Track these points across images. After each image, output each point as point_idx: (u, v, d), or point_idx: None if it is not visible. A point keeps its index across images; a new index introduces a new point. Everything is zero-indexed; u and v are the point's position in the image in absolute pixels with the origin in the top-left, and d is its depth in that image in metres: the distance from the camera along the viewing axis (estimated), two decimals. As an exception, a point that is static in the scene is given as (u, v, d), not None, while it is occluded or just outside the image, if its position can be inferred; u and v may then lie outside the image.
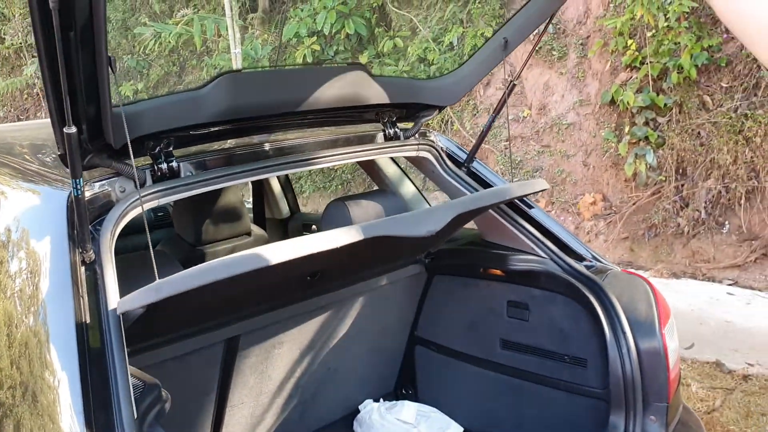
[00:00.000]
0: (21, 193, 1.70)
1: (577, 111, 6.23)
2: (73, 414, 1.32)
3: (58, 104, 1.30)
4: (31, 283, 1.50)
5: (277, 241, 1.58)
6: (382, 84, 2.05)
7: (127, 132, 1.47)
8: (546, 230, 2.34)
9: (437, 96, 2.28)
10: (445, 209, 1.86)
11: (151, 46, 8.64)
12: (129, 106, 1.58)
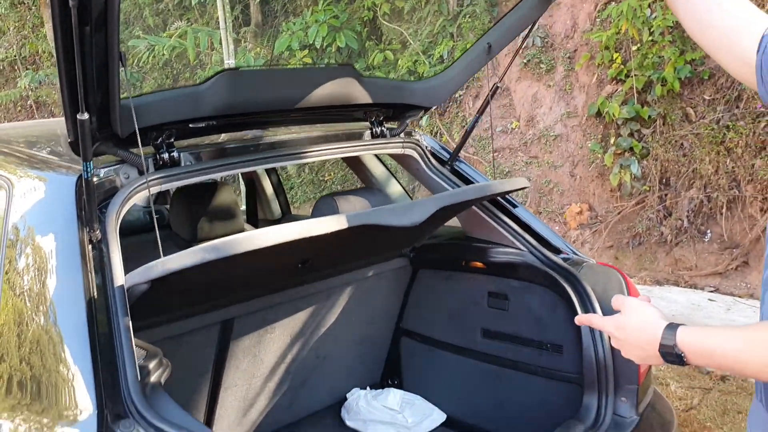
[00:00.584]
0: (30, 180, 1.81)
1: (565, 123, 6.37)
2: (83, 375, 1.42)
3: (72, 93, 1.41)
4: (43, 260, 1.61)
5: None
6: (370, 85, 2.18)
7: (136, 122, 1.58)
8: (526, 225, 2.46)
9: (423, 97, 2.40)
10: (429, 202, 1.98)
11: (145, 59, 8.76)
12: (135, 98, 1.70)
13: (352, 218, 1.75)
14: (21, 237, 1.68)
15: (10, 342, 1.58)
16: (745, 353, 1.14)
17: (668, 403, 2.34)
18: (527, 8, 2.19)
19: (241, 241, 1.52)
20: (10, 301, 1.62)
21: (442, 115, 7.34)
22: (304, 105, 2.04)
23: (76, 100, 1.40)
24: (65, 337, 1.50)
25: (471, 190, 2.20)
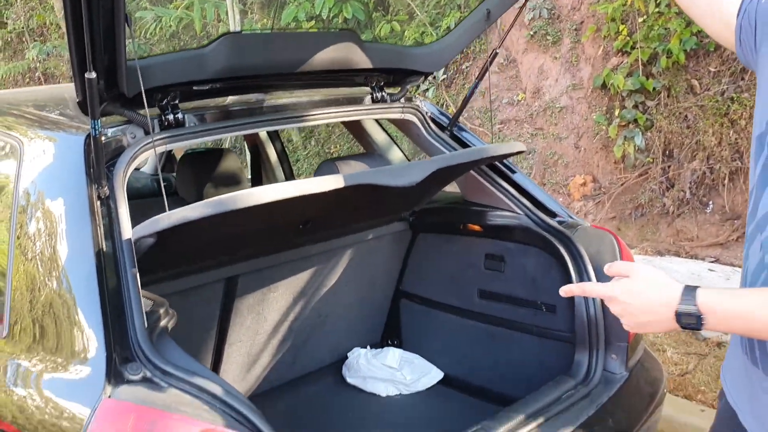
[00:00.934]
0: (40, 140, 1.88)
1: (570, 95, 6.39)
2: (93, 323, 1.50)
3: (80, 53, 1.47)
4: (54, 214, 1.68)
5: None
6: (370, 50, 2.23)
7: (142, 83, 1.65)
8: (523, 190, 2.52)
9: (423, 62, 2.45)
10: (426, 164, 2.04)
11: (153, 30, 8.78)
12: (141, 60, 1.76)
13: (350, 178, 1.81)
14: (34, 189, 1.75)
15: (25, 289, 1.66)
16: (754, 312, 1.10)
17: (658, 362, 2.41)
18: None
19: (242, 197, 1.59)
20: (23, 258, 1.70)
21: (449, 87, 7.36)
22: (305, 69, 2.09)
23: (83, 60, 1.47)
24: (75, 286, 1.58)
25: (468, 153, 2.26)
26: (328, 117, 2.30)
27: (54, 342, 1.55)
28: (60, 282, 1.59)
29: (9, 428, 1.56)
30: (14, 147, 1.91)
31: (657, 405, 2.24)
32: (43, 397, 1.52)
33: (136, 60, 1.67)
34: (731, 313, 1.13)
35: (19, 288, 1.67)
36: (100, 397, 1.37)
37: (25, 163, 1.81)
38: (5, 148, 1.97)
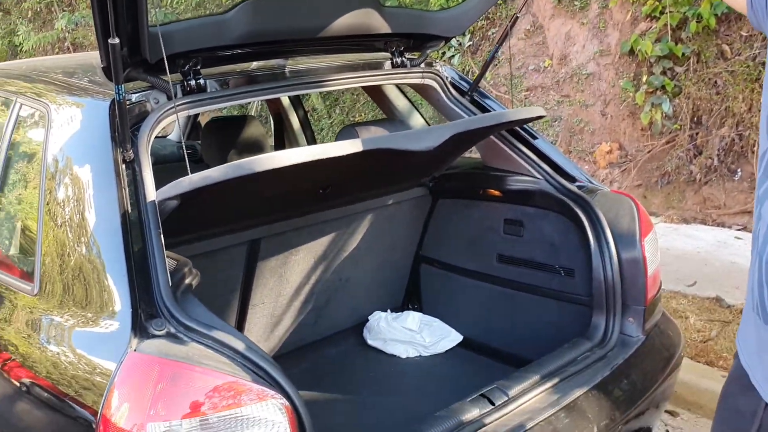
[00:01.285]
0: (68, 106, 1.93)
1: (597, 61, 6.31)
2: (119, 281, 1.56)
3: (104, 19, 1.51)
4: (81, 179, 1.74)
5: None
6: (390, 14, 2.24)
7: (164, 49, 1.68)
8: (543, 155, 2.53)
9: (443, 27, 2.45)
10: (445, 128, 2.05)
11: (179, 0, 8.81)
12: (163, 26, 1.79)
13: (368, 142, 1.84)
14: (61, 155, 1.81)
15: (54, 251, 1.73)
16: None
17: (676, 326, 2.43)
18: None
19: (261, 160, 1.63)
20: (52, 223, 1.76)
21: (475, 53, 7.31)
22: (325, 34, 2.11)
23: (107, 26, 1.51)
24: (102, 246, 1.64)
25: (486, 118, 2.27)
26: (348, 82, 2.32)
27: (82, 300, 1.62)
28: (88, 245, 1.65)
29: (44, 383, 1.63)
30: (42, 113, 1.97)
31: (673, 368, 2.27)
32: (73, 352, 1.60)
33: (158, 26, 1.71)
34: None
35: (49, 253, 1.73)
36: (125, 351, 1.44)
37: (53, 129, 1.87)
38: (34, 115, 2.03)
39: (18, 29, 11.11)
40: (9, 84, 2.28)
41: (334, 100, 8.26)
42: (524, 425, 1.80)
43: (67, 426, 1.57)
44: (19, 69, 2.46)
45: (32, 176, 1.94)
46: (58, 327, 1.66)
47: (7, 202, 2.04)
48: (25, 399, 1.69)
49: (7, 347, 1.76)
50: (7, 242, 2.01)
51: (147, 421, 1.36)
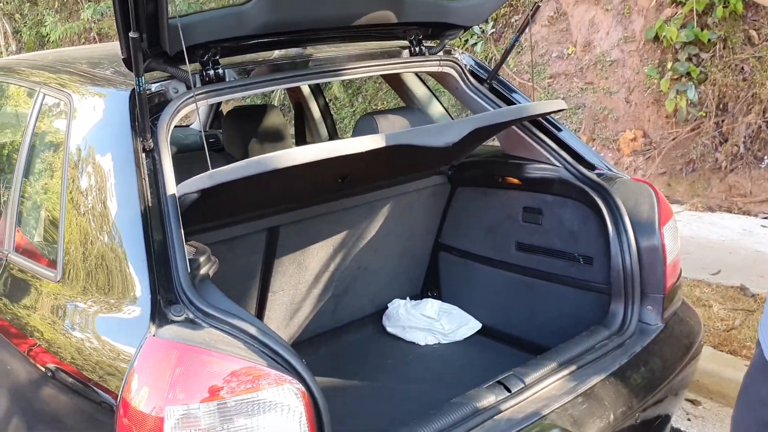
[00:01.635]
0: (90, 96, 1.96)
1: (622, 48, 6.24)
2: (139, 268, 1.59)
3: (125, 13, 1.54)
4: (103, 168, 1.77)
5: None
6: (410, 3, 2.23)
7: (183, 41, 1.70)
8: (563, 143, 2.52)
9: (463, 16, 2.44)
10: (465, 123, 2.05)
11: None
12: (182, 18, 1.81)
13: (387, 138, 1.85)
14: (84, 144, 1.84)
15: (77, 239, 1.76)
16: None
17: (696, 314, 2.41)
18: None
19: (281, 157, 1.64)
20: (76, 218, 1.80)
21: (497, 40, 7.26)
22: (344, 23, 2.12)
23: (128, 20, 1.53)
24: (123, 234, 1.67)
25: (506, 112, 2.26)
26: (366, 70, 2.32)
27: (104, 286, 1.65)
28: (110, 233, 1.68)
29: (67, 367, 1.67)
30: (65, 103, 2.00)
31: (693, 356, 2.25)
32: (94, 337, 1.63)
33: (177, 18, 1.73)
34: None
35: (72, 241, 1.77)
36: (145, 336, 1.47)
37: (75, 119, 1.90)
38: (58, 105, 2.07)
39: (45, 20, 11.24)
40: (34, 75, 2.32)
41: (356, 89, 8.26)
42: (540, 412, 1.81)
43: (90, 410, 1.60)
44: (44, 59, 2.50)
45: (55, 165, 1.98)
46: (80, 313, 1.70)
47: (32, 191, 2.08)
48: (49, 383, 1.73)
49: (32, 333, 1.81)
50: (32, 230, 2.06)
51: (165, 404, 1.39)
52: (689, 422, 3.04)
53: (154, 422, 1.39)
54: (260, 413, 1.42)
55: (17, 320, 1.87)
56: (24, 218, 2.08)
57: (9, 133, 2.47)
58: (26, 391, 1.82)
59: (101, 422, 1.52)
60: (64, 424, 1.70)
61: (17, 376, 1.85)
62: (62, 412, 1.72)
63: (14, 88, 2.46)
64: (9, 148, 2.40)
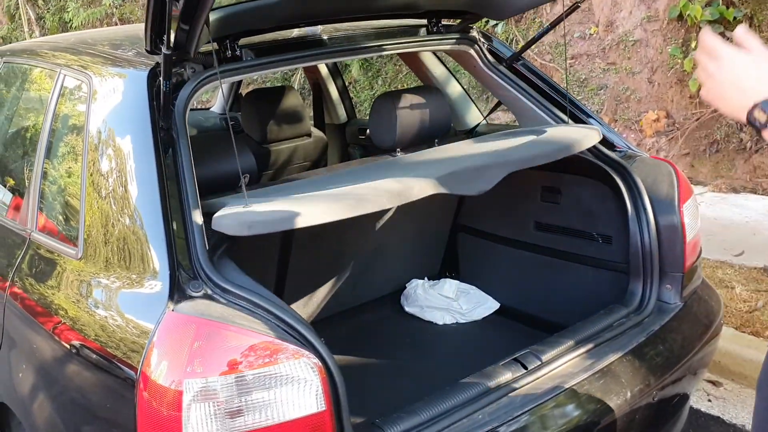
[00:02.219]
0: (110, 77, 1.98)
1: (645, 27, 6.15)
2: (159, 245, 1.61)
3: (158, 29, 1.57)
4: (122, 147, 1.79)
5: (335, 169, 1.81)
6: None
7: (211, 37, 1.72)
8: (582, 122, 2.50)
9: (495, 9, 2.40)
10: (499, 167, 2.03)
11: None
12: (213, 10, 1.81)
13: (417, 187, 1.86)
14: (104, 126, 1.87)
15: (97, 217, 1.79)
16: None
17: (716, 294, 2.39)
18: None
19: (308, 216, 1.68)
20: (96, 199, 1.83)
21: (519, 21, 7.19)
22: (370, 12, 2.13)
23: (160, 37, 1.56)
24: (143, 212, 1.69)
25: (540, 155, 2.18)
26: (383, 49, 2.32)
27: (124, 263, 1.68)
28: (129, 211, 1.71)
29: (85, 342, 1.70)
30: (85, 85, 2.02)
31: (712, 336, 2.24)
32: (115, 312, 1.66)
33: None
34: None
35: (93, 221, 1.79)
36: (164, 311, 1.49)
37: (95, 101, 1.93)
38: (78, 87, 2.09)
39: (68, 6, 11.32)
40: (55, 57, 2.34)
41: (376, 71, 8.24)
42: (557, 389, 1.81)
43: (112, 384, 1.63)
44: (66, 41, 2.52)
45: (76, 146, 2.00)
46: (101, 288, 1.73)
47: (54, 171, 2.11)
48: (71, 359, 1.76)
49: (56, 309, 1.84)
50: (54, 212, 2.09)
51: (184, 377, 1.41)
52: (710, 403, 3.03)
53: (173, 395, 1.42)
54: (277, 386, 1.44)
55: (40, 296, 1.91)
56: (46, 198, 2.11)
57: (31, 114, 2.51)
58: (50, 367, 1.86)
59: (123, 397, 1.55)
60: (88, 400, 1.74)
61: (41, 352, 1.89)
62: (86, 388, 1.75)
63: (36, 70, 2.49)
64: (32, 129, 2.43)
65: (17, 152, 2.54)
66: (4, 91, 2.74)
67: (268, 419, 1.44)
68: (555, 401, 1.79)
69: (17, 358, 1.99)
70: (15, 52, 2.74)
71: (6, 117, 2.68)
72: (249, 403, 1.43)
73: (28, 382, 1.91)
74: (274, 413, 1.44)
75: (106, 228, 1.76)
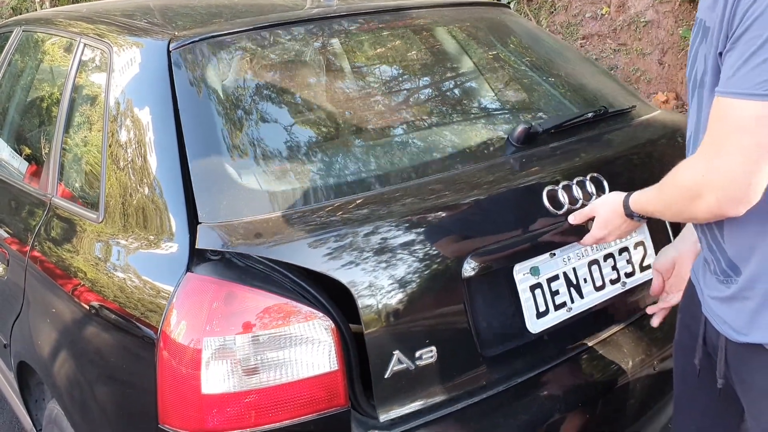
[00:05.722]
0: (129, 47, 2.02)
1: (656, 8, 6.14)
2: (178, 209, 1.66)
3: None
4: (140, 117, 1.84)
5: None
6: None
7: None
8: None
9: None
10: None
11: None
12: None
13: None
14: (120, 96, 1.91)
15: (116, 179, 1.84)
16: (659, 197, 1.42)
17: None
18: None
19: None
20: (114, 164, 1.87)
21: (530, 0, 7.18)
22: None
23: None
24: (162, 178, 1.73)
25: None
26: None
27: (143, 226, 1.73)
28: (149, 176, 1.75)
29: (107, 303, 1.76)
30: (105, 54, 2.06)
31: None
32: (135, 275, 1.71)
33: None
34: (641, 206, 1.51)
35: (113, 184, 1.84)
36: (184, 272, 1.54)
37: (114, 71, 1.97)
38: (99, 56, 2.13)
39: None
40: (72, 25, 2.38)
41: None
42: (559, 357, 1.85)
43: (131, 343, 1.69)
44: (79, 12, 2.55)
45: (95, 115, 2.04)
46: (121, 251, 1.78)
47: (73, 138, 2.16)
48: (93, 321, 1.81)
49: (76, 272, 1.89)
50: (74, 176, 2.13)
51: (203, 336, 1.47)
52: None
53: (192, 354, 1.47)
54: (291, 346, 1.49)
55: (61, 259, 1.96)
56: (67, 162, 2.15)
57: (50, 83, 2.55)
58: (70, 327, 1.91)
59: (142, 356, 1.60)
60: (107, 359, 1.79)
61: (62, 313, 1.94)
62: (106, 348, 1.80)
63: (55, 39, 2.53)
64: (50, 98, 2.47)
65: (36, 120, 2.59)
66: (23, 59, 2.78)
67: (283, 377, 1.50)
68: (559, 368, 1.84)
69: (39, 320, 2.05)
70: (33, 21, 2.77)
71: (24, 85, 2.72)
72: (264, 362, 1.49)
73: (50, 343, 1.97)
74: (289, 372, 1.50)
75: (125, 192, 1.80)
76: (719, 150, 1.18)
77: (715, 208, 1.22)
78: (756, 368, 1.34)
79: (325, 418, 1.53)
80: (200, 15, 2.31)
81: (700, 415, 1.60)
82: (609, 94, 2.31)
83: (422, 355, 1.59)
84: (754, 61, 1.12)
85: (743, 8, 1.14)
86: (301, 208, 1.66)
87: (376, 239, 1.60)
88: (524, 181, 1.83)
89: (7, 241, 2.30)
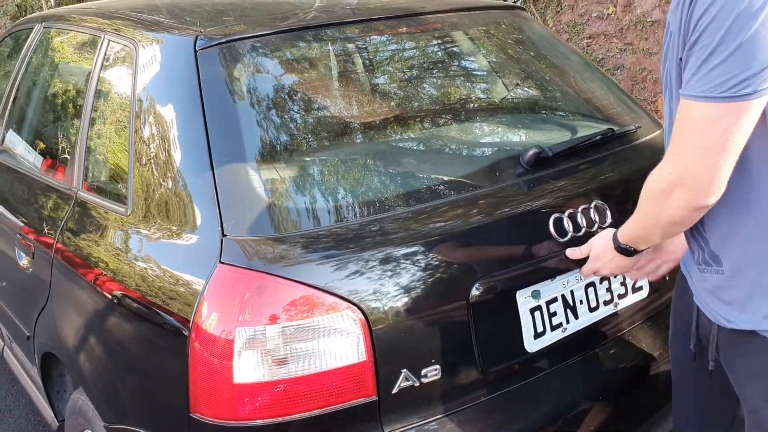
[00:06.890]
0: (155, 43, 2.04)
1: (663, 8, 6.16)
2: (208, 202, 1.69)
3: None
4: (164, 115, 1.87)
5: None
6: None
7: None
8: None
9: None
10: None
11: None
12: None
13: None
14: (145, 92, 1.94)
15: (145, 172, 1.87)
16: (638, 214, 1.50)
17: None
18: None
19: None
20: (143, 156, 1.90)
21: (536, 0, 7.20)
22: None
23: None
24: (188, 174, 1.76)
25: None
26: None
27: (175, 219, 1.75)
28: (177, 170, 1.78)
29: (135, 295, 1.79)
30: (130, 50, 2.08)
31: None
32: (162, 266, 1.75)
33: None
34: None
35: (142, 175, 1.87)
36: (215, 264, 1.57)
37: (139, 67, 1.99)
38: (125, 52, 2.15)
39: (85, -25, 11.33)
40: (95, 22, 2.40)
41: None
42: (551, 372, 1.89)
43: (162, 334, 1.72)
44: (102, 8, 2.57)
45: (121, 111, 2.07)
46: (149, 242, 1.81)
47: (98, 138, 2.18)
48: (124, 313, 1.83)
49: (104, 266, 1.92)
50: (101, 170, 2.16)
51: (235, 326, 1.50)
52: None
53: (224, 344, 1.50)
54: (320, 337, 1.52)
55: (89, 252, 1.99)
56: (93, 156, 2.18)
57: (74, 79, 2.57)
58: (100, 320, 1.94)
59: (172, 347, 1.64)
60: (137, 351, 1.82)
61: (91, 305, 1.97)
62: (136, 340, 1.83)
63: (78, 35, 2.55)
64: (74, 94, 2.50)
65: (58, 115, 2.61)
66: (44, 55, 2.80)
67: (312, 367, 1.53)
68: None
69: (68, 311, 2.07)
70: (54, 18, 2.80)
71: (45, 81, 2.75)
72: (294, 352, 1.51)
73: (79, 334, 2.00)
74: (318, 362, 1.53)
75: (152, 185, 1.83)
76: (682, 148, 1.30)
77: (686, 201, 1.32)
78: (743, 352, 1.42)
79: (353, 408, 1.56)
80: (227, 13, 2.31)
81: (697, 398, 1.70)
82: (616, 112, 2.36)
83: (427, 373, 1.64)
84: (706, 67, 1.22)
85: (696, 16, 1.23)
86: (314, 228, 1.70)
87: (391, 265, 1.64)
88: (532, 207, 1.87)
89: (32, 234, 2.33)
